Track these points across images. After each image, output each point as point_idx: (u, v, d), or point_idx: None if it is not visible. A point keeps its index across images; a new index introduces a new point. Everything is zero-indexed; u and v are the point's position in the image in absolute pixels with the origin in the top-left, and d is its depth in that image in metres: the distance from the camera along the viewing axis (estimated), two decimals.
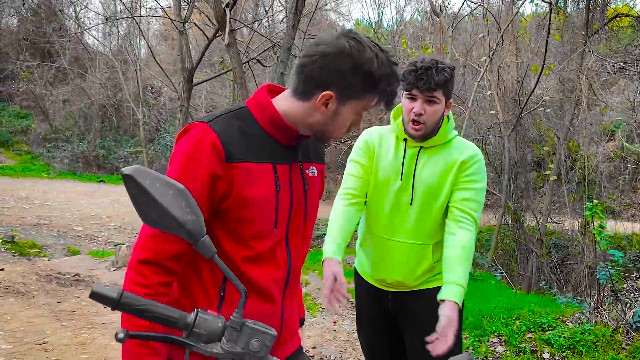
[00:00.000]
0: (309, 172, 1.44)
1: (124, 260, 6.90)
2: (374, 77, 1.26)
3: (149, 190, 0.88)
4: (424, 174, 2.06)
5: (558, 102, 12.18)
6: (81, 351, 3.93)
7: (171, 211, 0.89)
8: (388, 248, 2.12)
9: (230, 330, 0.92)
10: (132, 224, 14.69)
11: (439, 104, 1.97)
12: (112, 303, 0.89)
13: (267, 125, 1.32)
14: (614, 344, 3.87)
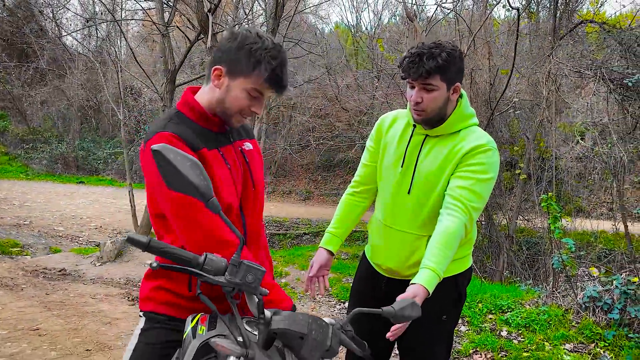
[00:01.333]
0: (245, 147, 1.74)
1: (109, 255, 7.12)
2: (255, 55, 1.50)
3: (172, 162, 1.19)
4: (425, 163, 2.00)
5: (528, 104, 12.66)
6: (73, 336, 4.17)
7: (189, 177, 1.20)
8: (386, 234, 2.11)
9: (231, 267, 1.22)
10: (113, 224, 14.80)
11: (437, 90, 1.88)
12: (143, 246, 1.18)
13: (199, 120, 1.60)
14: (565, 322, 4.25)
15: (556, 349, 3.84)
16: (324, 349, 1.24)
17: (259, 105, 1.59)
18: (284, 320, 1.21)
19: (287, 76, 1.57)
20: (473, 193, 1.87)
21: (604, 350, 3.82)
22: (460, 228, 1.83)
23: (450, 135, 1.97)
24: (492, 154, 1.92)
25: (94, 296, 5.49)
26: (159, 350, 1.60)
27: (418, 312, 1.49)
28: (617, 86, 5.93)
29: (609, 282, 4.44)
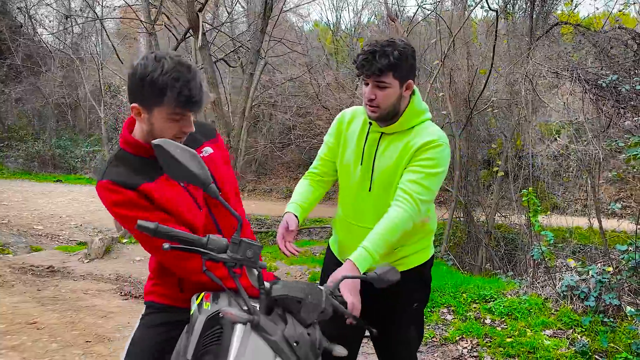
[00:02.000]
0: (204, 153, 1.79)
1: (97, 252, 7.16)
2: (157, 84, 1.48)
3: (173, 155, 1.33)
4: (382, 160, 2.03)
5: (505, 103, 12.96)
6: (71, 329, 4.25)
7: (189, 167, 1.34)
8: (351, 231, 2.14)
9: (232, 245, 1.36)
10: (93, 223, 14.71)
11: (390, 87, 1.91)
12: (151, 231, 1.31)
13: (140, 152, 1.66)
14: (545, 310, 4.48)
15: (537, 334, 4.06)
16: (319, 311, 1.39)
17: (187, 124, 1.61)
18: (283, 287, 1.37)
19: (199, 90, 1.56)
20: (422, 186, 1.92)
21: (580, 335, 4.05)
22: (405, 218, 1.89)
23: (404, 131, 2.01)
24: (442, 149, 1.96)
25: (86, 291, 5.55)
26: (157, 331, 1.75)
27: (397, 276, 1.63)
28: (592, 86, 6.21)
29: (585, 272, 4.69)
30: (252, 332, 1.32)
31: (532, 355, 3.79)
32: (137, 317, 4.71)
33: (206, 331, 1.47)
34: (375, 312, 2.02)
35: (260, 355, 1.27)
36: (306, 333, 1.34)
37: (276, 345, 1.29)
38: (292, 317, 1.37)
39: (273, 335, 1.30)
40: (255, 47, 5.97)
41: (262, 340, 1.30)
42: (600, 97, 6.40)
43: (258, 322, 1.31)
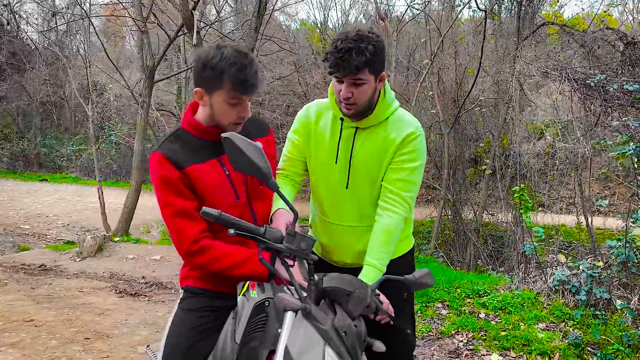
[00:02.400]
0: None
1: (90, 250, 7.13)
2: (218, 68, 1.64)
3: (240, 147, 1.38)
4: (360, 156, 1.97)
5: (493, 102, 13.12)
6: (69, 326, 4.25)
7: (254, 160, 1.39)
8: (334, 231, 2.09)
9: (288, 236, 1.42)
10: (80, 222, 14.61)
11: (367, 83, 1.84)
12: (214, 218, 1.36)
13: (201, 134, 1.80)
14: (537, 304, 4.58)
15: (530, 328, 4.15)
16: (365, 305, 1.44)
17: (244, 110, 1.74)
18: (334, 279, 1.42)
19: (254, 75, 1.67)
20: (409, 183, 1.92)
21: (572, 328, 4.15)
22: (401, 222, 1.91)
23: (379, 124, 1.96)
24: (420, 140, 1.94)
25: (81, 289, 5.54)
26: (195, 316, 1.81)
27: (432, 281, 1.71)
28: (580, 85, 6.33)
29: (576, 267, 4.80)
30: (303, 319, 1.36)
31: (527, 347, 3.87)
32: (133, 315, 4.72)
33: (252, 318, 1.52)
34: None
35: (311, 341, 1.32)
36: (353, 325, 1.39)
37: (326, 334, 1.33)
38: (341, 310, 1.40)
39: (324, 324, 1.35)
40: (250, 45, 5.99)
41: (312, 328, 1.34)
42: (588, 96, 6.53)
43: (310, 310, 1.36)
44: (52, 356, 3.57)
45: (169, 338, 1.80)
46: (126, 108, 22.63)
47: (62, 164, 23.89)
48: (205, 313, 1.81)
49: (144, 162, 9.26)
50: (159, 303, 5.18)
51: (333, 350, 1.32)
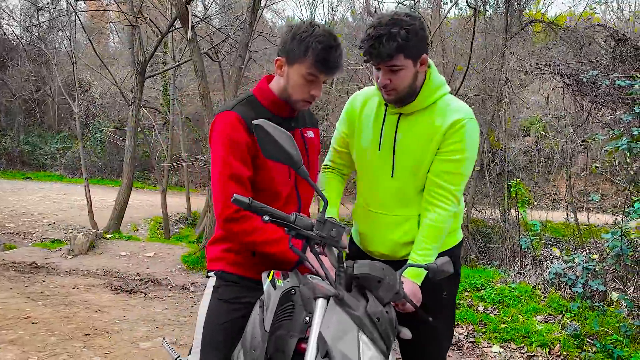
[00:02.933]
0: (308, 134, 1.96)
1: (81, 248, 7.04)
2: (305, 42, 1.69)
3: (271, 134, 1.37)
4: (404, 143, 1.91)
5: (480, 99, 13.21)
6: (67, 323, 4.20)
7: (285, 147, 1.38)
8: (373, 220, 2.03)
9: (317, 223, 1.41)
10: (67, 220, 14.45)
11: (404, 69, 1.79)
12: (245, 205, 1.36)
13: (269, 105, 1.84)
14: (534, 297, 4.63)
15: (529, 320, 4.20)
16: (395, 292, 1.44)
17: (317, 88, 1.77)
18: (364, 266, 1.41)
19: (337, 58, 1.72)
20: (457, 176, 1.86)
21: (570, 319, 4.20)
22: (449, 218, 1.86)
23: (424, 109, 1.89)
24: (470, 128, 1.85)
25: (75, 287, 5.48)
26: (231, 306, 1.81)
27: (452, 268, 1.68)
28: (572, 81, 6.41)
29: (571, 261, 4.86)
30: (335, 306, 1.36)
31: (527, 339, 3.91)
32: (131, 311, 4.67)
33: (280, 306, 1.52)
34: None
35: (345, 327, 1.32)
36: (385, 311, 1.39)
37: (359, 320, 1.33)
38: (373, 297, 1.40)
39: (356, 310, 1.35)
40: (244, 40, 5.96)
41: (346, 315, 1.34)
42: (579, 92, 6.61)
43: (343, 296, 1.36)
44: (52, 352, 3.53)
45: (208, 326, 1.79)
46: (111, 105, 22.40)
47: (46, 162, 23.60)
48: (241, 304, 1.80)
49: (135, 159, 9.18)
50: (156, 299, 5.14)
51: (367, 336, 1.32)
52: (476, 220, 13.54)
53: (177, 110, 14.75)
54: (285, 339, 1.46)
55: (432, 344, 2.02)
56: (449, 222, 1.88)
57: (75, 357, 3.48)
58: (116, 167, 23.33)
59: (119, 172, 23.30)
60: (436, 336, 2.01)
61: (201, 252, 6.56)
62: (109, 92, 20.93)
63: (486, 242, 12.53)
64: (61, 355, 3.49)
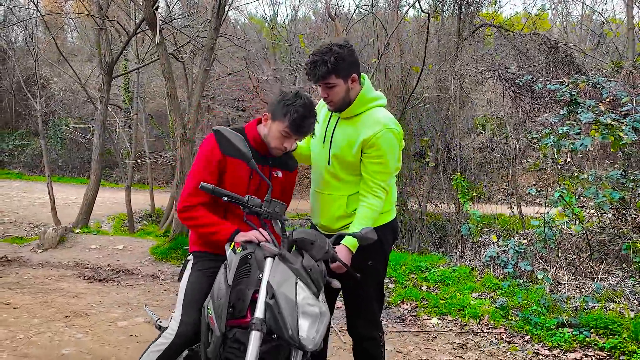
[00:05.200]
0: (275, 174, 2.41)
1: (51, 242, 7.29)
2: (287, 108, 2.17)
3: (227, 136, 1.92)
4: (337, 140, 2.47)
5: (436, 98, 13.85)
6: (47, 307, 4.53)
7: (237, 145, 1.90)
8: (317, 198, 2.59)
9: (265, 203, 1.93)
10: (28, 217, 14.41)
11: (337, 86, 2.34)
12: (210, 190, 1.88)
13: (252, 141, 2.33)
14: (472, 278, 5.22)
15: (465, 297, 4.77)
16: (325, 251, 1.95)
17: (289, 143, 2.27)
18: (301, 232, 1.93)
19: (310, 125, 2.22)
20: (384, 174, 2.39)
21: (501, 296, 4.79)
22: (380, 204, 2.40)
23: (355, 116, 2.44)
24: (387, 138, 2.36)
25: (49, 277, 5.77)
26: (207, 272, 2.30)
27: (375, 236, 2.19)
28: (511, 85, 7.04)
29: (505, 246, 5.47)
30: (280, 263, 1.85)
31: (462, 312, 4.48)
32: (106, 297, 5.07)
33: (239, 267, 1.98)
34: None
35: (286, 276, 1.81)
36: (316, 265, 1.88)
37: (297, 271, 1.83)
38: (307, 254, 1.89)
39: (295, 264, 1.84)
40: (210, 44, 6.35)
41: (287, 268, 1.83)
42: (518, 94, 7.26)
43: (284, 255, 1.86)
44: (37, 331, 3.88)
45: (187, 292, 2.27)
46: (71, 102, 22.22)
47: (3, 160, 23.21)
48: (213, 272, 2.25)
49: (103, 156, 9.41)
50: (128, 287, 5.50)
51: (302, 282, 1.82)
52: (432, 214, 14.22)
53: (140, 107, 14.92)
54: (244, 291, 1.92)
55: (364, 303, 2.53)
56: (380, 207, 2.42)
57: (59, 334, 3.84)
58: (77, 165, 23.17)
59: (80, 170, 23.15)
60: (367, 296, 2.53)
61: (170, 244, 6.92)
62: (69, 88, 20.77)
63: (443, 235, 13.20)
64: (46, 334, 3.85)
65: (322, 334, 1.80)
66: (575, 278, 4.84)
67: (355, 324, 2.56)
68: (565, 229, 5.37)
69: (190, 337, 2.20)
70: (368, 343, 2.56)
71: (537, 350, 3.80)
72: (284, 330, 1.72)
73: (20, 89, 19.34)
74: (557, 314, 4.15)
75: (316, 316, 1.78)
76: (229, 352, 1.90)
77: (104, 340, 3.79)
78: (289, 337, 1.71)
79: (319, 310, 1.80)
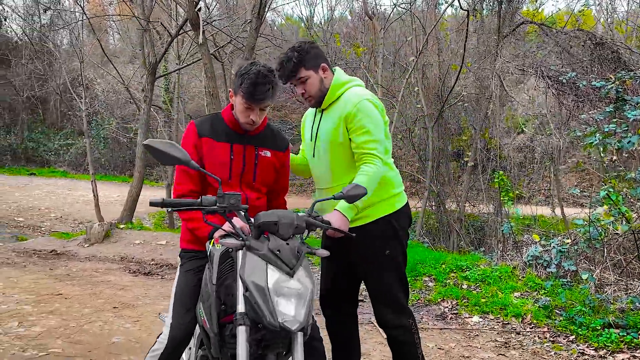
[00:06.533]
0: (263, 153, 2.34)
1: (97, 237, 7.55)
2: (241, 78, 2.12)
3: (158, 148, 1.84)
4: (322, 130, 2.48)
5: (474, 97, 13.67)
6: (96, 298, 4.71)
7: (171, 153, 1.84)
8: (318, 194, 2.59)
9: (218, 198, 1.85)
10: (73, 214, 14.87)
11: (309, 78, 2.40)
12: (160, 204, 1.81)
13: (229, 123, 2.30)
14: (513, 277, 5.15)
15: (507, 296, 4.71)
16: (294, 227, 1.87)
17: (254, 114, 2.20)
18: (262, 216, 1.86)
19: (264, 92, 2.12)
20: (372, 142, 2.33)
21: (543, 295, 4.72)
22: (375, 171, 2.30)
23: (334, 102, 2.45)
24: (365, 107, 2.36)
25: (96, 270, 5.98)
26: (195, 274, 2.27)
27: (362, 190, 2.11)
28: (554, 82, 6.91)
29: (548, 245, 5.38)
30: (247, 252, 1.83)
31: (503, 311, 4.43)
32: (151, 289, 5.22)
33: (221, 264, 1.99)
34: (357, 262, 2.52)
35: (256, 265, 1.78)
36: (285, 244, 1.82)
37: (265, 256, 1.79)
38: (273, 236, 1.84)
39: (261, 250, 1.80)
40: (251, 44, 6.45)
41: (255, 256, 1.80)
42: (562, 92, 7.11)
43: (249, 244, 1.83)
44: (88, 320, 4.04)
45: (176, 295, 2.26)
46: (114, 102, 22.82)
47: (49, 159, 23.99)
48: (199, 271, 2.27)
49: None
50: (172, 281, 5.63)
51: (272, 265, 1.78)
52: (470, 214, 14.04)
53: (180, 108, 15.24)
54: (232, 285, 1.92)
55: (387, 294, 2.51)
56: (376, 175, 2.32)
57: (109, 324, 3.99)
58: (119, 163, 23.81)
59: (121, 168, 23.78)
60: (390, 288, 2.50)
61: None
62: (112, 89, 21.35)
63: (481, 235, 13.02)
64: (96, 323, 4.00)
65: (307, 311, 1.76)
66: (621, 279, 4.73)
67: (382, 313, 2.53)
68: (611, 229, 5.24)
69: (182, 340, 2.20)
70: (397, 331, 2.51)
71: (583, 350, 3.73)
72: (262, 318, 1.71)
73: (65, 90, 20.00)
74: (603, 315, 4.06)
75: (295, 295, 1.75)
76: (230, 349, 1.90)
77: (151, 330, 3.91)
78: (267, 323, 1.70)
79: (296, 288, 1.77)
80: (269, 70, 2.16)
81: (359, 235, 2.24)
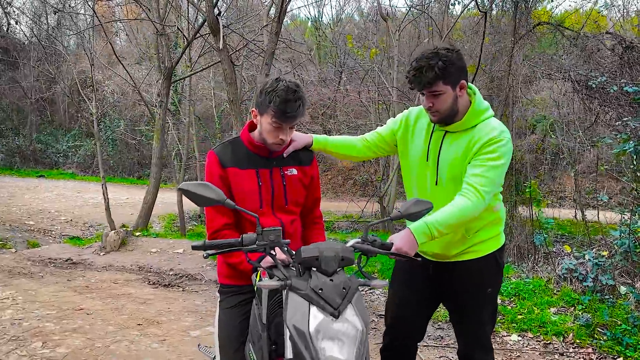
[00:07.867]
0: (288, 172, 2.24)
1: (113, 245, 7.42)
2: (268, 96, 2.00)
3: (192, 191, 1.74)
4: (447, 156, 2.21)
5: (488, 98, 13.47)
6: (119, 314, 4.57)
7: (205, 195, 1.74)
8: None
9: (257, 236, 1.74)
10: (83, 217, 14.77)
11: (444, 94, 2.11)
12: (202, 248, 1.73)
13: (249, 146, 2.18)
14: (547, 291, 4.98)
15: (544, 312, 4.54)
16: (338, 260, 1.72)
17: (283, 133, 2.09)
18: (303, 251, 1.71)
19: (295, 109, 2.00)
20: (485, 178, 2.08)
21: (581, 312, 4.54)
22: (470, 207, 2.05)
23: (467, 130, 2.18)
24: (503, 143, 2.12)
25: (115, 281, 5.84)
26: (237, 310, 2.18)
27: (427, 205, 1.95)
28: (582, 87, 6.74)
29: (582, 257, 5.20)
30: (290, 292, 1.69)
31: (543, 329, 4.26)
32: (174, 303, 5.06)
33: (271, 299, 1.86)
34: (453, 295, 2.40)
35: (298, 307, 1.64)
36: (329, 280, 1.67)
37: (307, 296, 1.64)
38: (316, 272, 1.70)
39: (303, 289, 1.66)
40: (271, 49, 6.30)
41: (297, 297, 1.66)
42: (588, 96, 6.93)
43: (290, 284, 1.68)
44: (114, 339, 3.89)
45: (221, 335, 2.19)
46: (122, 104, 22.75)
47: (58, 160, 23.97)
48: (241, 307, 2.17)
49: (162, 159, 9.55)
50: (193, 293, 5.50)
51: (315, 306, 1.63)
52: None
53: (190, 110, 15.13)
54: (282, 324, 1.75)
55: (478, 330, 2.40)
56: (469, 212, 2.08)
57: (136, 344, 3.85)
58: (127, 165, 23.74)
59: (130, 170, 23.71)
60: (482, 324, 2.41)
61: None
62: (120, 91, 21.27)
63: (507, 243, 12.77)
64: (122, 342, 3.85)
65: (358, 353, 1.62)
66: None
67: (472, 350, 2.43)
68: None
69: None
70: None
71: None
72: None
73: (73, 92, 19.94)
74: None
75: (341, 338, 1.62)
76: None
77: (180, 350, 3.77)
78: None
79: (343, 331, 1.63)
80: (296, 85, 2.03)
81: (455, 272, 2.23)
